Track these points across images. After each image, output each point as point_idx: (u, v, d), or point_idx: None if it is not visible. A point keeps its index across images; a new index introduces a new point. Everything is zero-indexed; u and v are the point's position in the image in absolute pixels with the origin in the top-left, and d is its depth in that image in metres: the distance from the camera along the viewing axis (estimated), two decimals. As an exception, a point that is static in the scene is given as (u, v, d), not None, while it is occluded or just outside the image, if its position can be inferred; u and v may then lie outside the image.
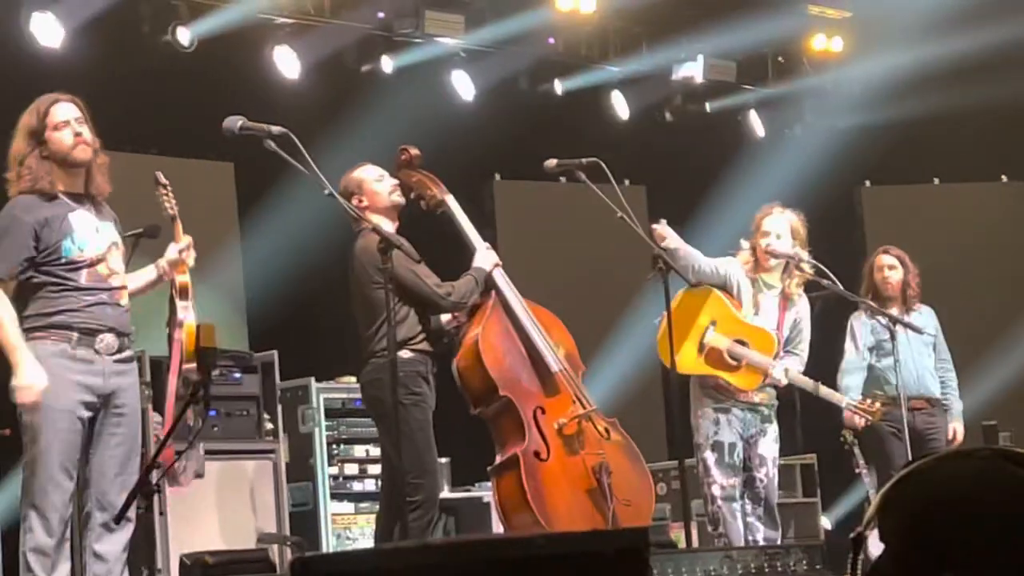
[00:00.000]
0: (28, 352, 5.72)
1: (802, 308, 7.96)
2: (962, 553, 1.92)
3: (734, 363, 7.74)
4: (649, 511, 7.39)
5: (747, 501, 7.78)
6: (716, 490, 7.70)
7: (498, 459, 7.09)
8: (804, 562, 6.46)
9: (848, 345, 8.98)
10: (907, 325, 8.72)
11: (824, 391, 7.97)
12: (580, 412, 7.13)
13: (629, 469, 7.20)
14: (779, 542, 7.68)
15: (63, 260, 5.81)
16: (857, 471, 8.92)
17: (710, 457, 7.72)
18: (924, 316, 9.07)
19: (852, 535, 2.05)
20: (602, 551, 2.51)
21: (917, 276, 9.07)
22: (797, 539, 9.78)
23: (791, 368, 7.80)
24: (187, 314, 6.23)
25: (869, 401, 8.07)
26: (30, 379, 5.70)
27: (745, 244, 7.96)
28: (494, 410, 7.07)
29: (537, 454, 6.98)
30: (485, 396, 7.06)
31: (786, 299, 7.89)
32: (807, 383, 7.88)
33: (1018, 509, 1.96)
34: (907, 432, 8.45)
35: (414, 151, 7.38)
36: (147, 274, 6.25)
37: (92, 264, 5.86)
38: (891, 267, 9.03)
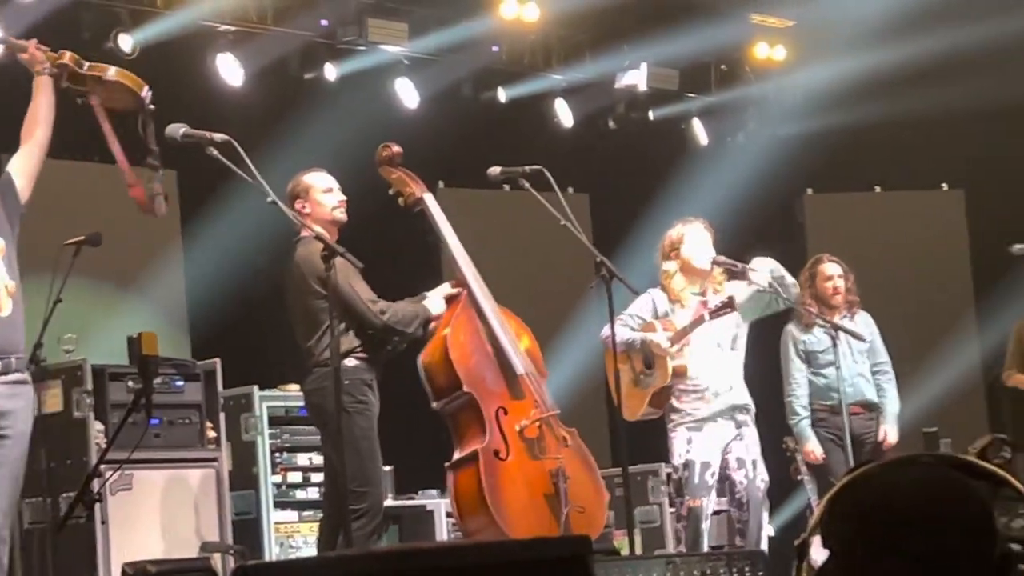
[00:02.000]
0: None
1: (736, 289, 7.85)
2: (907, 557, 1.93)
3: (648, 371, 7.74)
4: (602, 519, 7.38)
5: (732, 508, 7.81)
6: (684, 510, 7.73)
7: (456, 455, 7.05)
8: (747, 569, 6.47)
9: (791, 366, 9.03)
10: (849, 332, 8.78)
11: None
12: (542, 415, 7.13)
13: (585, 476, 7.19)
14: (765, 539, 7.71)
15: None
16: (798, 478, 8.96)
17: (682, 476, 7.72)
18: (861, 322, 9.13)
19: (796, 542, 2.06)
20: (545, 558, 2.52)
21: (853, 283, 9.16)
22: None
23: (674, 322, 7.72)
24: (104, 71, 6.16)
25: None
26: None
27: (672, 266, 7.86)
28: (456, 406, 7.05)
29: (497, 453, 6.96)
30: (448, 391, 7.04)
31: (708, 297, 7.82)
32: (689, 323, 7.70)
33: (961, 514, 1.97)
34: (848, 438, 8.50)
35: (396, 148, 7.38)
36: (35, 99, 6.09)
37: None
38: (840, 276, 9.10)
